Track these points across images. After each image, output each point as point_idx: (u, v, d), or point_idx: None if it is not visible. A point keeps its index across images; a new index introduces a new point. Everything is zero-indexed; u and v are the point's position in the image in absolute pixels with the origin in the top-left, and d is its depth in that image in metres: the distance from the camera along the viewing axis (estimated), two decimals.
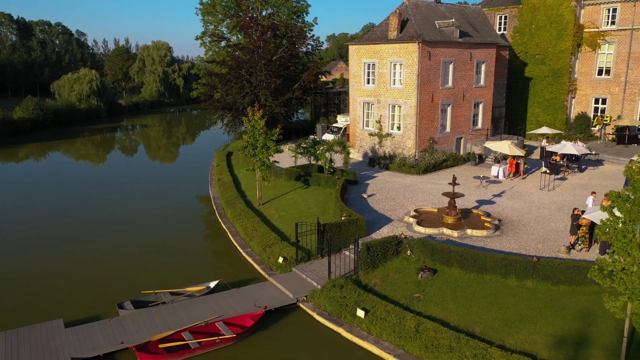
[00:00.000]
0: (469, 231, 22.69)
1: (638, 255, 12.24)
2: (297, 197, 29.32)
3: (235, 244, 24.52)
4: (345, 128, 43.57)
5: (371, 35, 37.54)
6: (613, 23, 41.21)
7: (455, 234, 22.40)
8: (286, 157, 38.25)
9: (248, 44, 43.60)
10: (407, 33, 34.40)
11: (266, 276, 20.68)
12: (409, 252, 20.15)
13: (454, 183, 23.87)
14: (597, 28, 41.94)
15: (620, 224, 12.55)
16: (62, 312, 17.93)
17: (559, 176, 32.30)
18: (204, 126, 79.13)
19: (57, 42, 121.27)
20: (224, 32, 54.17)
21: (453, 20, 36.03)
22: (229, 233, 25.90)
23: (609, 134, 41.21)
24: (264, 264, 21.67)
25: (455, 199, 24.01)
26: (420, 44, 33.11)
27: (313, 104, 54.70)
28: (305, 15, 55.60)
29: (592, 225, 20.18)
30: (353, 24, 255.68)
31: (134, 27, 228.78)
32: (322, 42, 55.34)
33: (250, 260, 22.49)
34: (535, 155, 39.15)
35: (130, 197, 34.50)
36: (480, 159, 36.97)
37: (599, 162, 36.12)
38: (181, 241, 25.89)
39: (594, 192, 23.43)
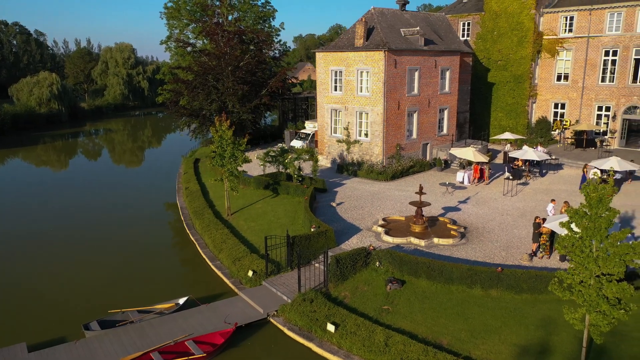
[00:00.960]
0: (435, 240, 23.15)
1: (595, 269, 12.79)
2: (266, 206, 29.27)
3: (204, 256, 24.26)
4: (314, 134, 43.69)
5: (338, 42, 37.77)
6: (570, 31, 42.67)
7: (422, 243, 22.81)
8: (254, 165, 38.03)
9: (214, 50, 43.18)
10: (373, 41, 34.78)
11: (236, 290, 20.56)
12: (377, 263, 20.41)
13: (420, 192, 24.30)
14: (556, 35, 43.34)
15: (578, 239, 13.09)
16: (25, 335, 17.40)
17: (521, 181, 33.28)
18: (170, 129, 77.93)
19: (15, 42, 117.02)
20: (190, 36, 53.50)
21: (418, 28, 36.63)
22: (197, 245, 25.62)
23: (568, 138, 42.68)
24: (233, 278, 21.55)
25: (422, 207, 24.45)
26: (386, 52, 33.53)
27: (281, 109, 54.60)
28: (271, 20, 55.39)
29: (552, 233, 20.94)
30: (320, 24, 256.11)
31: (95, 27, 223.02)
32: (289, 46, 55.19)
33: (219, 273, 22.30)
34: (499, 159, 40.22)
35: (94, 207, 33.64)
36: (446, 165, 37.74)
37: (558, 166, 37.38)
38: (149, 254, 25.47)
39: (553, 200, 24.29)
